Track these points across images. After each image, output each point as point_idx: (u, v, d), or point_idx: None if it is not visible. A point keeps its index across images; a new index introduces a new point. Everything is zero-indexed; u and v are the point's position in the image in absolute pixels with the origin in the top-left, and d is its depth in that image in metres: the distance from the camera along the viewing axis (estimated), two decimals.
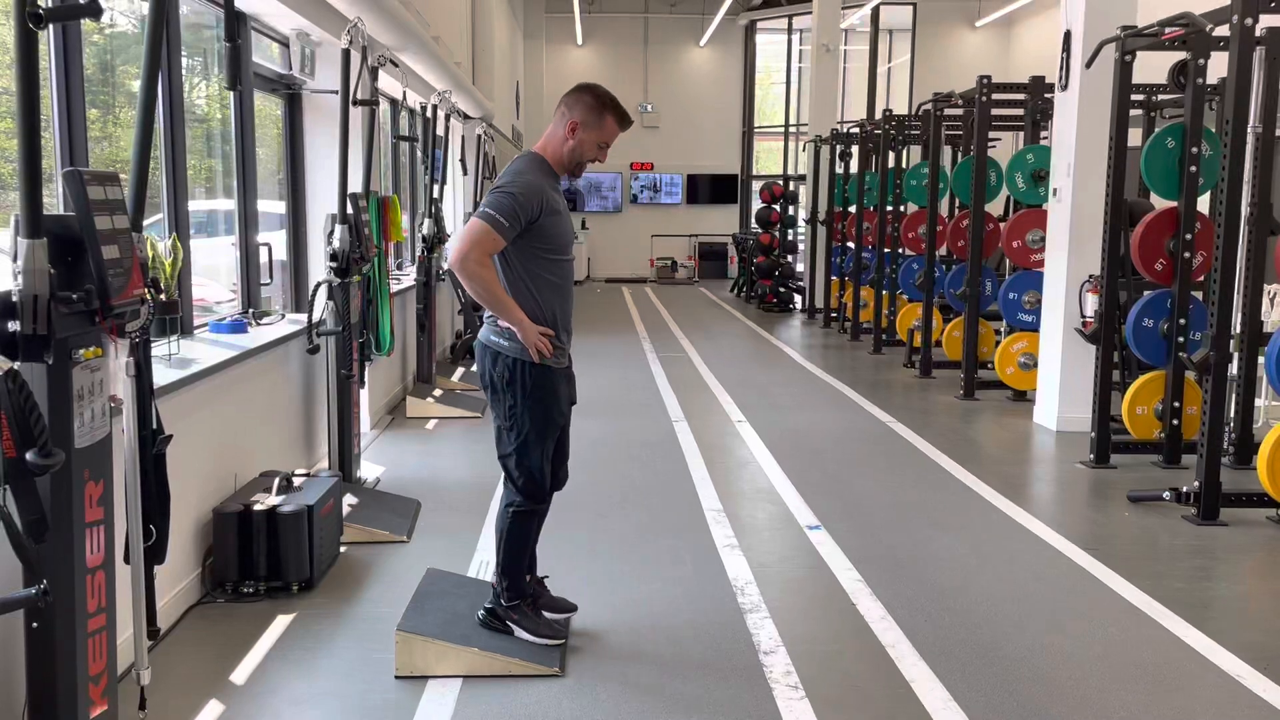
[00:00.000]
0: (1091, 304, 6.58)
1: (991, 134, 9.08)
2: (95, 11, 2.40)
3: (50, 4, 3.27)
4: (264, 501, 4.18)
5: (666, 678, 3.47)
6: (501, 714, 3.23)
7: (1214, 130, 5.98)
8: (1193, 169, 5.83)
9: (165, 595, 3.70)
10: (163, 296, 3.91)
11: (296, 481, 4.45)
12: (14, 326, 2.34)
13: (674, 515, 5.30)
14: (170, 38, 4.39)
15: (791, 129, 21.10)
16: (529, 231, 3.38)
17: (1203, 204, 6.02)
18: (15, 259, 2.34)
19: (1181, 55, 5.97)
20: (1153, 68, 6.91)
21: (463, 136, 11.22)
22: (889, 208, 11.06)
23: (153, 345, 3.39)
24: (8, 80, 3.54)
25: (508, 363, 3.45)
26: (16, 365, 2.26)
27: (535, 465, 3.54)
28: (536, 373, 3.45)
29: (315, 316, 5.18)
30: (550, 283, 3.48)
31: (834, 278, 13.70)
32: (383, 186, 8.70)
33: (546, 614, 3.73)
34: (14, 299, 2.34)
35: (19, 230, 2.34)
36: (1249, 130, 5.30)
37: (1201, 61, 5.71)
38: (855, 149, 12.86)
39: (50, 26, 3.20)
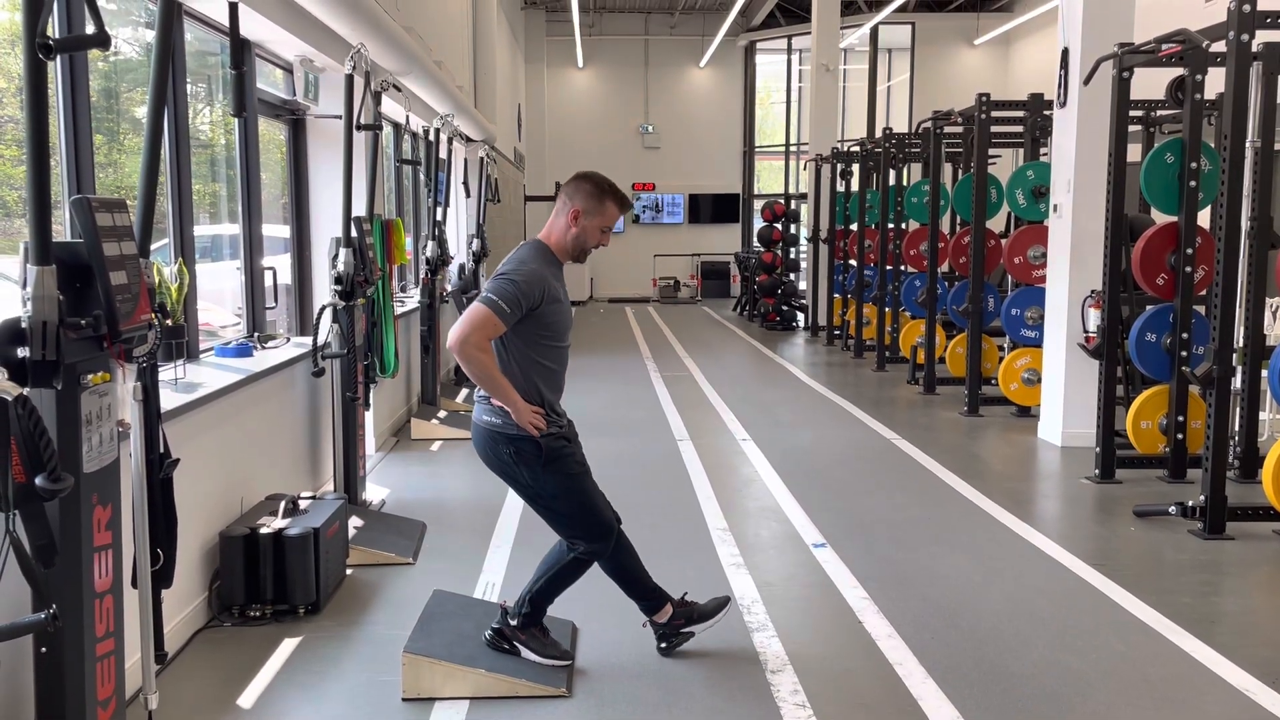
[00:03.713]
0: (1094, 319, 6.59)
1: (991, 151, 9.12)
2: (104, 41, 2.43)
3: (59, 34, 3.32)
4: (270, 524, 4.19)
5: (673, 697, 3.47)
6: None
7: (1213, 145, 6.00)
8: (1192, 184, 5.85)
9: (172, 619, 3.70)
10: (169, 321, 3.93)
11: (302, 504, 4.46)
12: (23, 352, 2.37)
13: (679, 534, 5.30)
14: (175, 65, 4.43)
15: (792, 148, 21.19)
16: (529, 318, 3.44)
17: (1203, 218, 6.04)
18: (25, 285, 2.37)
19: (1179, 71, 6.00)
20: (1151, 83, 6.95)
21: (465, 159, 11.27)
22: (890, 225, 11.10)
23: (160, 370, 3.40)
24: (14, 109, 3.58)
25: (507, 441, 3.47)
26: (26, 391, 2.28)
27: (591, 509, 3.57)
28: (539, 441, 3.47)
29: (320, 339, 5.19)
30: (545, 367, 3.53)
31: (836, 295, 13.74)
32: (386, 210, 8.74)
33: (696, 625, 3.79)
34: (23, 325, 2.36)
35: (29, 257, 2.36)
36: (1247, 144, 5.33)
37: (1199, 77, 5.73)
38: (856, 167, 12.92)
39: (58, 56, 3.23)
